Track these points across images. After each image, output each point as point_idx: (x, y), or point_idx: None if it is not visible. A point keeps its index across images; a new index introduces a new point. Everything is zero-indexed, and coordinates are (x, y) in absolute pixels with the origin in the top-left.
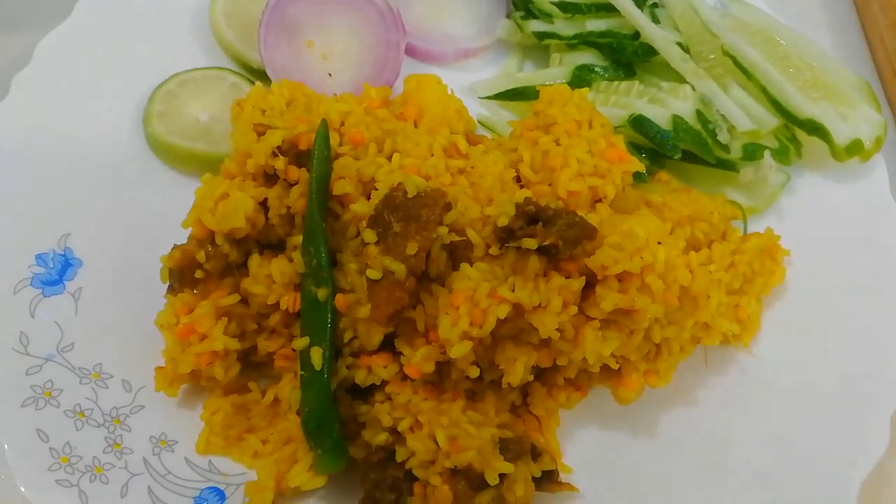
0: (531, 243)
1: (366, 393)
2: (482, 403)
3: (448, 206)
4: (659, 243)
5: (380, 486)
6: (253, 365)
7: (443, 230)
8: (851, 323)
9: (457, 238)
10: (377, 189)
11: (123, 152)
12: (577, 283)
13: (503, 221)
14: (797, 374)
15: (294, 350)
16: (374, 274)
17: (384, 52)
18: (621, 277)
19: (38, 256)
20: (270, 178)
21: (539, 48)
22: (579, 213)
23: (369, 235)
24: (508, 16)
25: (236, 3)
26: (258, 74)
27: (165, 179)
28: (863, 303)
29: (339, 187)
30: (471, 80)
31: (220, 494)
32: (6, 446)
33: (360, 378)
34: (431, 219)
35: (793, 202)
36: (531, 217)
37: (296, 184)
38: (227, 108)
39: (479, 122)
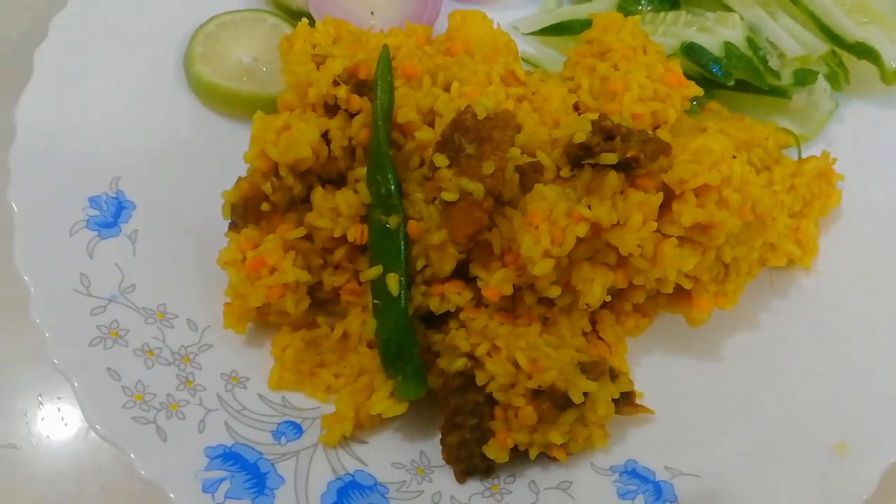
0: (611, 158)
1: (438, 321)
2: (556, 328)
3: (518, 128)
4: (734, 157)
5: (461, 412)
6: (318, 301)
7: (515, 151)
8: None
9: (529, 160)
10: (441, 117)
11: (165, 95)
12: (656, 199)
13: (580, 137)
14: (855, 295)
15: (360, 284)
16: (450, 196)
17: None
18: (699, 192)
19: (91, 199)
20: (330, 108)
21: None
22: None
23: (440, 160)
24: None
25: None
26: (296, 16)
27: (209, 121)
28: None
29: (402, 115)
30: (511, 18)
31: (297, 428)
32: (77, 388)
33: (435, 305)
34: (504, 139)
35: (841, 129)
36: (609, 132)
37: (357, 113)
38: (270, 48)
39: (523, 59)
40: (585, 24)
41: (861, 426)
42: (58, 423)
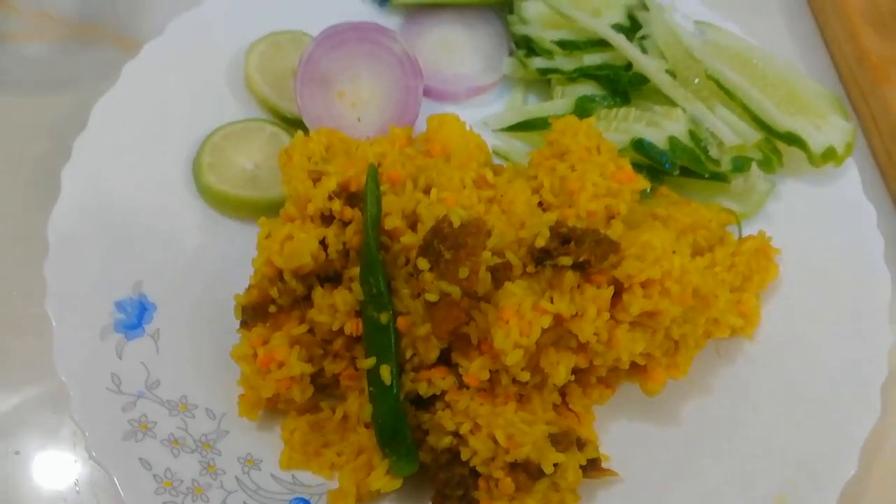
0: (567, 261)
1: (427, 403)
2: (529, 404)
3: (489, 233)
4: (673, 252)
5: (449, 484)
6: (320, 386)
7: (486, 254)
8: (837, 308)
9: (499, 260)
10: (422, 222)
11: (178, 201)
12: (608, 292)
13: (540, 243)
14: (795, 357)
15: (357, 370)
16: (432, 297)
17: (405, 96)
18: (644, 284)
19: (117, 303)
20: (326, 218)
21: (540, 81)
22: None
23: (423, 263)
24: (511, 54)
25: (267, 60)
26: (291, 122)
27: (218, 224)
28: (845, 290)
29: (389, 222)
30: (482, 114)
31: (307, 503)
32: (116, 478)
33: (423, 390)
34: (477, 244)
35: (779, 206)
36: (564, 237)
37: (350, 222)
38: (270, 155)
39: (493, 152)
40: (547, 122)
41: (800, 479)
42: None
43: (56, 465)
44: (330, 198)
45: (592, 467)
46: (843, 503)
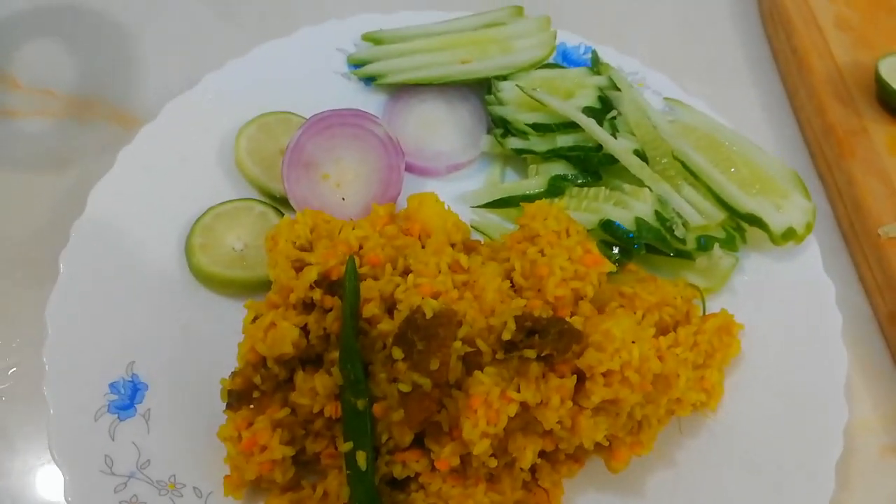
0: (531, 353)
1: (402, 484)
2: (499, 484)
3: (459, 323)
4: (633, 342)
5: None
6: (302, 463)
7: (457, 344)
8: (796, 383)
9: (469, 349)
10: (398, 309)
11: (171, 281)
12: (571, 382)
13: (507, 336)
14: (755, 432)
15: (336, 449)
16: (404, 388)
17: (387, 175)
18: (605, 374)
19: (111, 385)
20: (308, 305)
21: (517, 157)
22: (565, 313)
23: (397, 353)
24: (489, 131)
25: (256, 143)
26: (280, 201)
27: (208, 301)
28: (804, 365)
29: (367, 311)
30: (462, 188)
31: None
32: None
33: (398, 472)
34: (448, 336)
35: (743, 280)
36: (529, 330)
37: (331, 310)
38: (258, 235)
39: (472, 226)
40: (521, 199)
41: None
42: None
43: None
44: (311, 287)
45: None
46: None
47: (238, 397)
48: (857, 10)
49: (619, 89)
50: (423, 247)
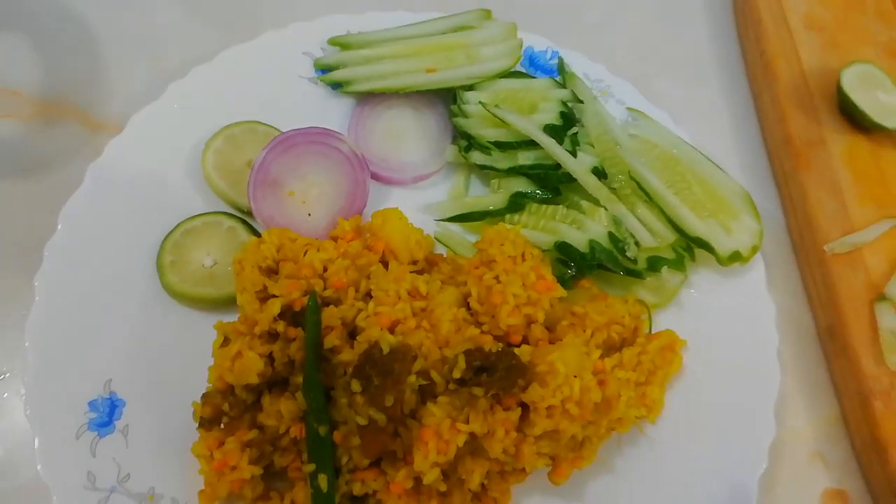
0: (479, 391)
1: (361, 499)
2: (451, 498)
3: (415, 357)
4: (575, 376)
5: None
6: (271, 474)
7: (412, 378)
8: (730, 398)
9: (423, 382)
10: (358, 339)
11: (144, 297)
12: (515, 414)
13: (457, 374)
14: (689, 442)
15: (302, 462)
16: (361, 421)
17: (352, 189)
18: (548, 408)
19: (90, 403)
20: (273, 335)
21: (482, 169)
22: (516, 338)
23: (355, 385)
24: (454, 141)
25: (222, 157)
26: (248, 213)
27: (181, 316)
28: (740, 381)
29: (328, 341)
30: (427, 198)
31: None
32: None
33: (357, 490)
34: (403, 371)
35: (690, 295)
36: (478, 368)
37: (294, 339)
38: (228, 251)
39: (435, 237)
40: (483, 214)
41: None
42: None
43: None
44: (275, 320)
45: None
46: None
47: (209, 420)
48: (829, 10)
49: (582, 101)
50: (385, 267)
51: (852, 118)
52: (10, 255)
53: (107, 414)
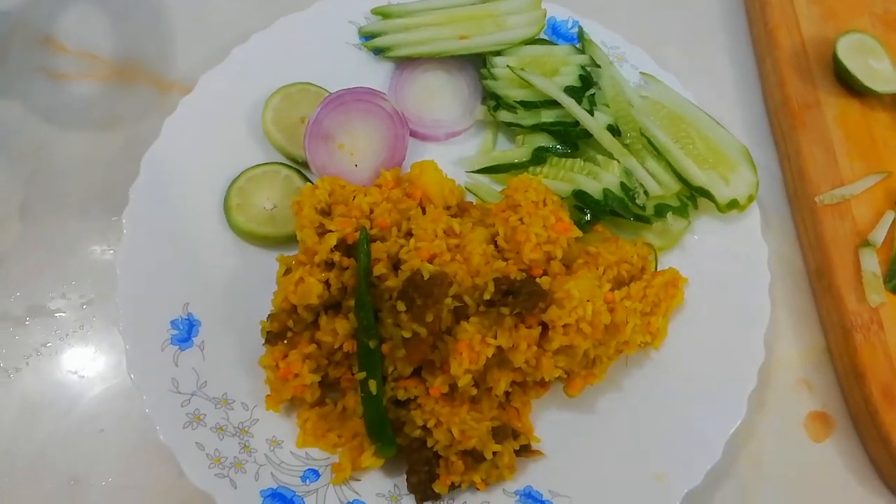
0: (506, 311)
1: (404, 403)
2: (479, 405)
3: (450, 283)
4: (588, 300)
5: (418, 462)
6: (326, 386)
7: (448, 300)
8: (726, 328)
9: (457, 304)
10: (402, 268)
11: (214, 235)
12: (536, 332)
13: (487, 296)
14: (689, 365)
15: (353, 375)
16: (406, 334)
17: (393, 143)
18: (564, 326)
19: (172, 322)
20: (329, 264)
21: (509, 127)
22: (538, 272)
23: (400, 306)
24: (483, 101)
25: (280, 113)
26: (302, 164)
27: (246, 252)
28: (735, 313)
29: (376, 270)
30: (459, 153)
31: (316, 473)
32: (179, 458)
33: (401, 395)
34: (441, 294)
35: (693, 239)
36: (505, 291)
37: (347, 268)
38: (285, 195)
39: (466, 188)
40: (509, 166)
41: (675, 462)
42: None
43: (131, 439)
44: (332, 251)
45: (524, 451)
46: (708, 483)
47: (274, 336)
48: None
49: (599, 66)
50: (423, 212)
51: (846, 83)
52: (97, 199)
53: (186, 331)
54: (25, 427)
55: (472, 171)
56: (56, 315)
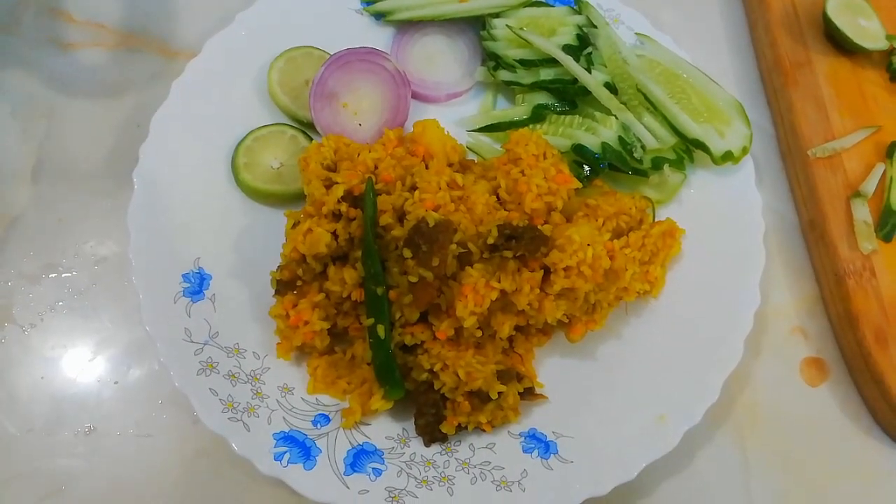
0: (509, 254)
1: (411, 349)
2: (484, 349)
3: (455, 230)
4: (589, 245)
5: (425, 405)
6: (335, 335)
7: (453, 247)
8: (723, 275)
9: (462, 250)
10: (407, 218)
11: (223, 193)
12: (538, 275)
13: (491, 240)
14: (687, 311)
15: (361, 324)
16: (413, 279)
17: (396, 103)
18: (565, 269)
19: (183, 275)
20: (336, 215)
21: (508, 87)
22: (539, 222)
23: (407, 253)
24: (483, 63)
25: (285, 75)
26: (307, 125)
27: (254, 209)
28: (731, 261)
29: (382, 220)
30: (460, 113)
31: (326, 418)
32: (193, 402)
33: (408, 340)
34: (446, 240)
35: (689, 192)
36: (508, 236)
37: (354, 219)
38: (291, 155)
39: (467, 147)
40: (509, 124)
41: (675, 404)
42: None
43: (145, 390)
44: (339, 202)
45: (528, 394)
46: (706, 424)
47: (284, 285)
48: None
49: (595, 27)
50: (426, 167)
51: (836, 41)
52: (107, 162)
53: (197, 284)
54: (41, 381)
55: (473, 131)
56: (70, 273)
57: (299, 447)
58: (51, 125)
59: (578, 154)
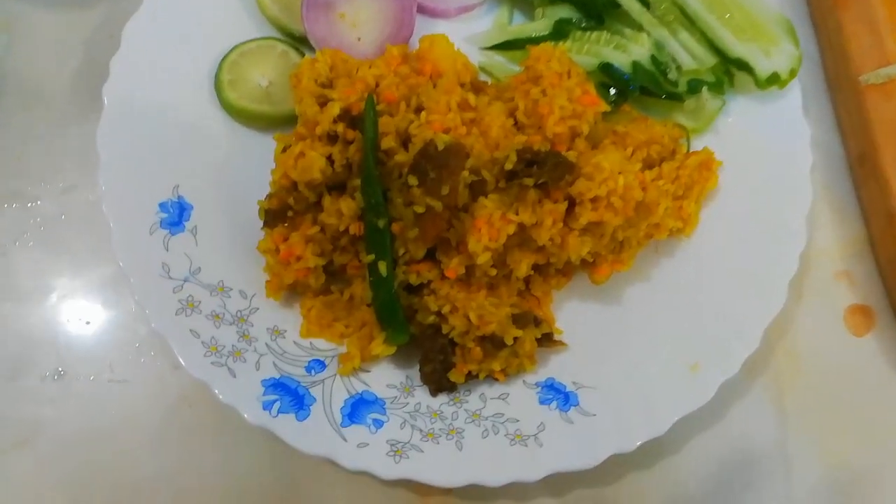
0: (529, 181)
1: (416, 289)
2: (497, 291)
3: (467, 155)
4: (620, 173)
5: (433, 350)
6: (331, 273)
7: (465, 174)
8: (764, 213)
9: (475, 178)
10: (413, 142)
11: (204, 113)
12: (562, 206)
13: (509, 166)
14: (724, 253)
15: (360, 261)
16: (419, 209)
17: (400, 15)
18: (593, 200)
19: (160, 204)
20: (332, 137)
21: (525, 0)
22: (562, 148)
23: (412, 180)
24: None
25: None
26: (300, 40)
27: (239, 132)
28: (774, 198)
29: (385, 143)
30: (471, 30)
31: (322, 364)
32: (172, 345)
33: (413, 280)
34: (457, 166)
35: (727, 121)
36: (529, 161)
37: (352, 142)
38: (282, 72)
39: (480, 67)
40: (527, 41)
41: (710, 352)
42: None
43: (120, 332)
44: (334, 121)
45: (546, 340)
46: (743, 375)
47: (274, 216)
48: None
49: None
50: (434, 86)
51: None
52: (75, 79)
53: (176, 215)
54: (5, 319)
55: (487, 48)
56: (35, 202)
57: (291, 395)
58: (12, 38)
59: (606, 74)
